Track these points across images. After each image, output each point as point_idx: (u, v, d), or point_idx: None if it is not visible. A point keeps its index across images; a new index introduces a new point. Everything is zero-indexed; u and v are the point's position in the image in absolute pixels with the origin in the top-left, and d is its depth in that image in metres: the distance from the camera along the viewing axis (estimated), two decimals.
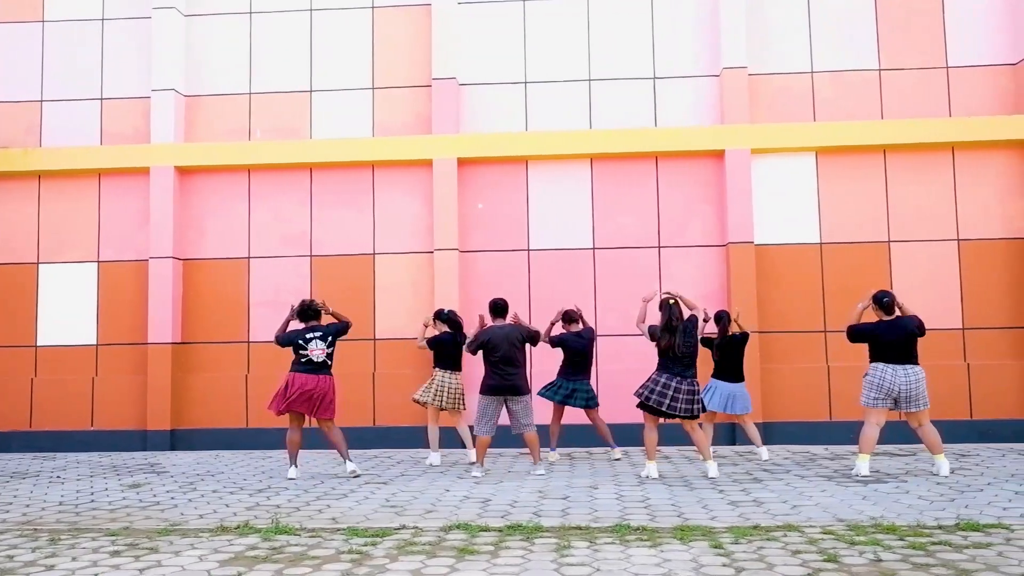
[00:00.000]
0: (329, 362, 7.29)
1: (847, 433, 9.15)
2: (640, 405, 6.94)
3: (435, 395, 8.02)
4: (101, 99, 10.57)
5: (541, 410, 8.81)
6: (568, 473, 7.17)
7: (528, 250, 10.02)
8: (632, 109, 10.11)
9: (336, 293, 9.99)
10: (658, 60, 10.12)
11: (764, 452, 8.03)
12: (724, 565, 3.90)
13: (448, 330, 8.22)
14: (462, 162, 10.02)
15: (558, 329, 8.48)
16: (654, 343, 6.99)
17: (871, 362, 6.92)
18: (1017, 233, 9.51)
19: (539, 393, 8.27)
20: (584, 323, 8.44)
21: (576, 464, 7.79)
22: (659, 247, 9.91)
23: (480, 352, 7.31)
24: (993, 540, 4.32)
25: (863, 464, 6.68)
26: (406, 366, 9.80)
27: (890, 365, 6.76)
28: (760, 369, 9.40)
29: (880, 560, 3.96)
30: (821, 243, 9.72)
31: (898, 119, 9.71)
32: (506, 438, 8.39)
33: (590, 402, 8.12)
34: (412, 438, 9.34)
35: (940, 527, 4.63)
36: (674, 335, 6.76)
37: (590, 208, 10.00)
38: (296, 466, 7.21)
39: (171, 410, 9.89)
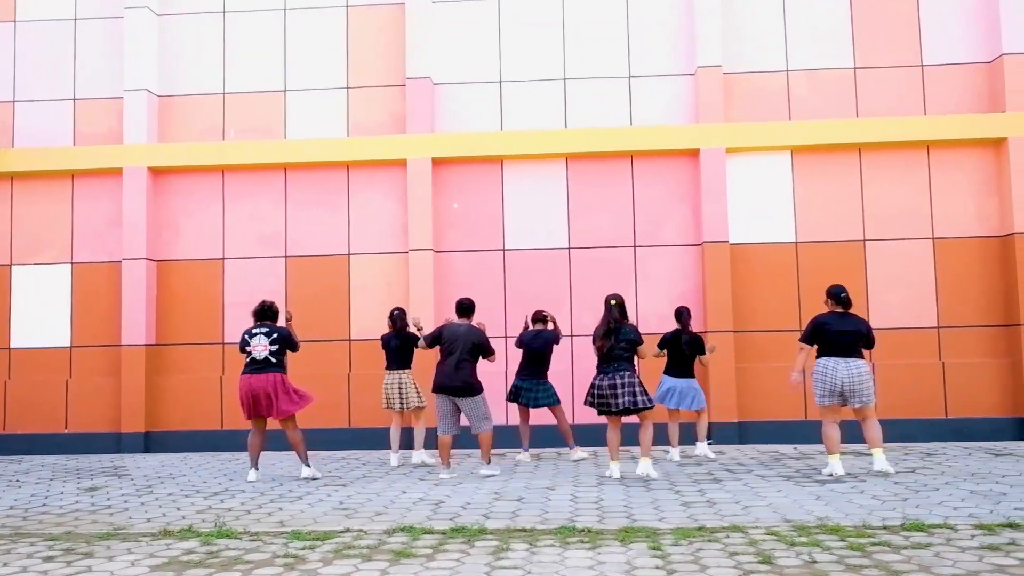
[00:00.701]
0: (274, 360, 7.14)
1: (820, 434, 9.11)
2: (595, 407, 6.95)
3: (384, 399, 8.04)
4: (74, 99, 10.53)
5: (513, 411, 8.82)
6: (529, 474, 7.12)
7: (503, 250, 9.97)
8: (607, 108, 10.06)
9: (311, 294, 9.99)
10: (633, 59, 10.07)
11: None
12: (657, 567, 3.85)
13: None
14: (437, 162, 9.97)
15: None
16: (593, 344, 6.95)
17: (817, 358, 6.86)
18: (992, 231, 9.46)
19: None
20: (554, 326, 8.38)
21: (541, 465, 7.74)
22: (635, 247, 9.86)
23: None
24: (934, 540, 4.26)
25: (836, 464, 6.63)
26: (382, 367, 9.61)
27: (833, 358, 6.70)
28: (735, 368, 9.36)
29: (815, 562, 3.90)
30: (796, 242, 9.67)
31: (873, 118, 9.66)
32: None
33: (531, 402, 8.09)
34: (387, 440, 9.27)
35: (885, 527, 4.58)
36: (610, 338, 6.74)
37: (565, 208, 9.96)
38: (256, 468, 7.13)
39: (145, 412, 9.84)
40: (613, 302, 6.88)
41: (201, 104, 10.46)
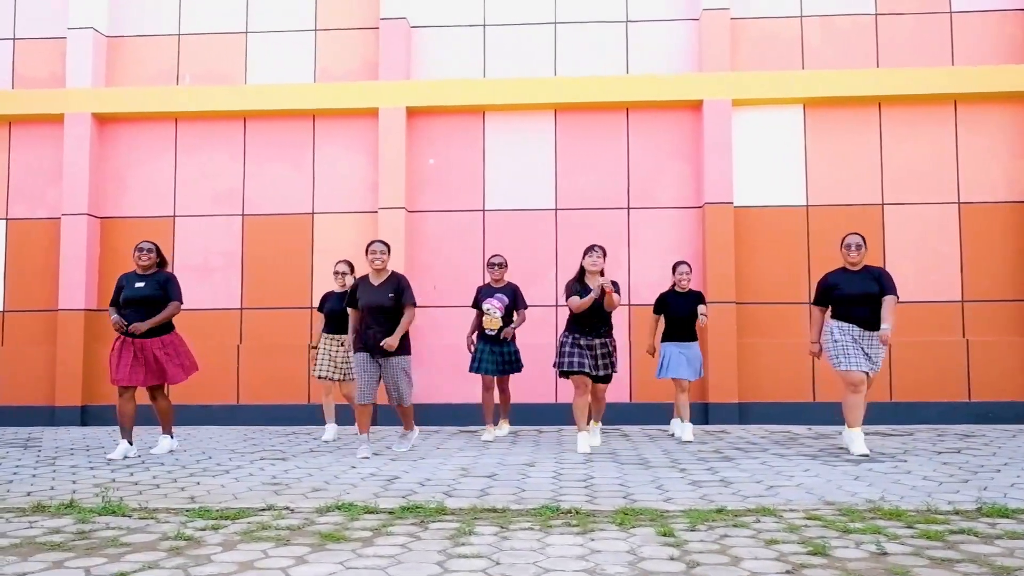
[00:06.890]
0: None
1: (833, 416, 8.16)
2: (563, 374, 6.11)
3: (331, 367, 7.05)
4: (14, 39, 9.51)
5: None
6: (505, 451, 6.12)
7: (484, 210, 8.99)
8: (602, 55, 9.10)
9: (270, 256, 9.07)
10: (631, 1, 9.11)
11: (688, 431, 6.79)
12: (672, 558, 2.89)
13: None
14: (412, 112, 8.99)
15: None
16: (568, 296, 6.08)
17: (830, 319, 6.02)
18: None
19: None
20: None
21: (519, 441, 6.73)
22: (628, 208, 8.90)
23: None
24: None
25: (856, 438, 5.65)
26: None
27: (846, 322, 5.86)
28: (737, 343, 8.43)
29: (885, 553, 2.95)
30: (807, 205, 8.74)
31: (895, 68, 8.72)
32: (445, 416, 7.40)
33: (500, 369, 7.00)
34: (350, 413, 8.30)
35: (957, 512, 3.62)
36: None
37: (553, 164, 8.99)
38: (130, 443, 6.02)
39: (83, 384, 8.84)
40: (598, 247, 6.05)
41: (154, 46, 9.45)
